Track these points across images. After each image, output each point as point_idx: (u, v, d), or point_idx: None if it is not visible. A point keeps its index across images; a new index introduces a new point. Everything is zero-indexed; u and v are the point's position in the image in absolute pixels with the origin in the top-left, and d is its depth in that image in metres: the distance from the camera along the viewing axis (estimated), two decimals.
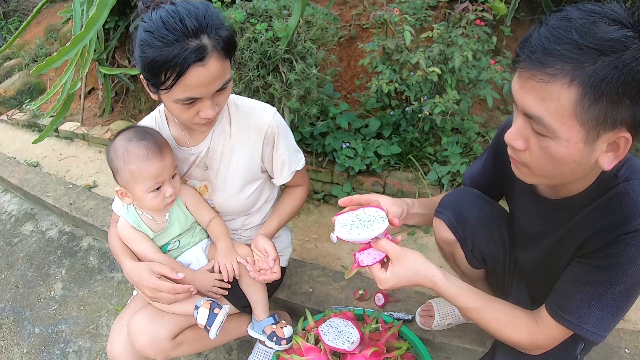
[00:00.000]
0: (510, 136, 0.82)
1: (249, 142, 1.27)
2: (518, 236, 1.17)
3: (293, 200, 1.43)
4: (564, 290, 0.93)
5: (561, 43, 0.70)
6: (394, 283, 0.97)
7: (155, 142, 1.18)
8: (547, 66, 0.70)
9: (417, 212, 1.22)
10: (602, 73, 0.68)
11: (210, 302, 1.21)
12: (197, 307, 1.20)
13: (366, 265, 0.99)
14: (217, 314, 1.18)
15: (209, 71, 1.01)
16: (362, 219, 1.00)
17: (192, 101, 1.05)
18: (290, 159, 1.32)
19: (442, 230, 1.22)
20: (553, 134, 0.75)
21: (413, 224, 1.27)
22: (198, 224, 1.36)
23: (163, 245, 1.32)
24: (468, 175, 1.29)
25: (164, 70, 0.98)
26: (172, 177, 1.22)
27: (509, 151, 0.87)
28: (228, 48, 1.04)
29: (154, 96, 1.09)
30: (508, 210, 1.23)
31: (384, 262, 1.00)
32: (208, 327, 1.17)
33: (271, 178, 1.39)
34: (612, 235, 0.84)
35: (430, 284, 0.98)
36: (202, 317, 1.18)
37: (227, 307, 1.22)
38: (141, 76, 1.07)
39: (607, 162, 0.78)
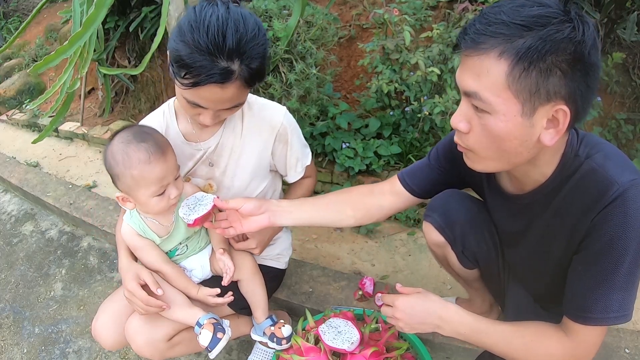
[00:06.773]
0: (454, 119, 0.87)
1: (260, 139, 1.29)
2: (501, 236, 1.17)
3: (301, 190, 1.45)
4: (575, 291, 0.90)
5: (491, 24, 0.77)
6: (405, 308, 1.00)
7: (156, 143, 1.12)
8: (480, 43, 0.78)
9: (283, 209, 1.18)
10: (528, 44, 0.74)
11: (214, 323, 1.17)
12: (199, 324, 1.17)
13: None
14: (220, 339, 1.14)
15: (224, 93, 1.02)
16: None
17: (196, 106, 1.07)
18: (302, 155, 1.37)
19: (432, 233, 1.23)
20: (491, 108, 0.79)
21: (290, 224, 1.22)
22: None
23: (170, 250, 1.28)
24: (412, 181, 1.21)
25: (185, 71, 0.99)
26: (176, 178, 1.18)
27: (456, 138, 0.91)
28: (252, 80, 1.04)
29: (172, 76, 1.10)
30: None
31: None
32: (209, 349, 1.15)
33: (283, 176, 1.42)
34: (594, 213, 0.84)
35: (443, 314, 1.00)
36: (204, 338, 1.15)
37: (229, 331, 1.19)
38: (168, 52, 1.06)
39: (549, 138, 0.81)
